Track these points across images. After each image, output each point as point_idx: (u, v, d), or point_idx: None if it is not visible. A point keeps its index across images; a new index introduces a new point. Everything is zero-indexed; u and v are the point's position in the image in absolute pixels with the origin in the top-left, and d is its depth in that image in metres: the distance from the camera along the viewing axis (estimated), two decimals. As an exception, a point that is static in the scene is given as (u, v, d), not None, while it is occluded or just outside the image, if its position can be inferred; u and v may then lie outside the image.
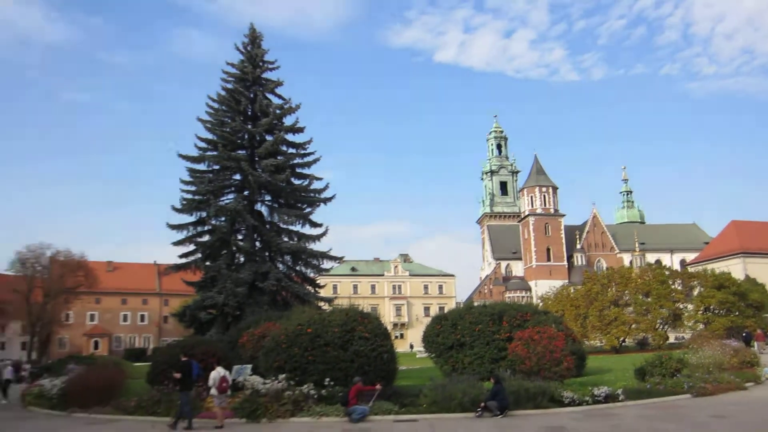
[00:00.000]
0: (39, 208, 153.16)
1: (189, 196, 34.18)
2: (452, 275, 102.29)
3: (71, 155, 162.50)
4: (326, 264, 36.18)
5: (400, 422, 14.08)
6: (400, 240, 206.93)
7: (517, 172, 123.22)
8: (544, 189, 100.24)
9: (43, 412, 19.35)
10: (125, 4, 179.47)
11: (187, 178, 34.72)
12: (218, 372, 14.91)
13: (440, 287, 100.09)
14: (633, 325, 42.15)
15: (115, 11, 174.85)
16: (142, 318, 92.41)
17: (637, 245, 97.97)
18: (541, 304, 49.94)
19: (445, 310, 36.77)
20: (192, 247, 34.46)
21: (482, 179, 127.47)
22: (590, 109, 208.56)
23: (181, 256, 34.61)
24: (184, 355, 16.67)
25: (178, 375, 14.85)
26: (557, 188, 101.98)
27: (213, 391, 14.81)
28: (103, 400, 18.30)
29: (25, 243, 76.58)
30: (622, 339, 43.19)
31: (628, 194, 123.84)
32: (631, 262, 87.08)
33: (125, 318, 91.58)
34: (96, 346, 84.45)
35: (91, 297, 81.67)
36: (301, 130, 36.57)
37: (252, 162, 34.73)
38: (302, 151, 36.49)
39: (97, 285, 77.58)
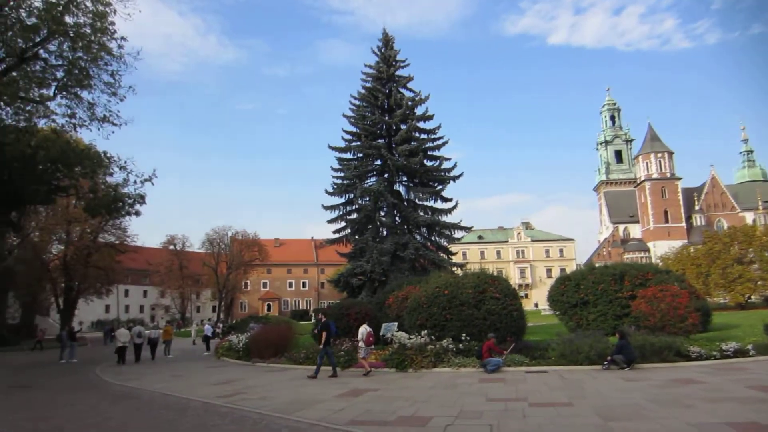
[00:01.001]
0: (223, 197, 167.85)
1: (338, 180, 36.00)
2: (572, 239, 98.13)
3: (246, 155, 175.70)
4: (457, 234, 36.43)
5: (532, 373, 14.04)
6: (521, 209, 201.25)
7: (631, 140, 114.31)
8: (659, 154, 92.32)
9: (232, 362, 21.66)
10: (280, 26, 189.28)
11: (337, 166, 36.56)
12: (365, 328, 15.99)
13: (561, 251, 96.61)
14: (759, 282, 38.26)
15: (273, 33, 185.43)
16: (304, 284, 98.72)
17: (760, 203, 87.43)
18: (660, 263, 46.44)
19: (567, 272, 35.56)
20: (343, 224, 36.23)
21: (597, 150, 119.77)
22: (704, 73, 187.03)
23: (334, 232, 36.61)
24: (323, 316, 17.94)
25: (322, 334, 15.65)
26: (672, 153, 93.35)
27: (360, 344, 15.89)
28: (278, 352, 20.06)
29: (212, 226, 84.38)
30: (747, 296, 39.31)
31: (748, 153, 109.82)
32: (754, 221, 77.85)
33: (290, 285, 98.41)
34: (269, 309, 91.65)
35: (264, 268, 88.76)
36: (430, 117, 36.90)
37: (390, 149, 35.73)
38: (432, 136, 36.80)
39: (268, 258, 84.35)
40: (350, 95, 37.50)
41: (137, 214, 24.50)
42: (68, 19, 20.67)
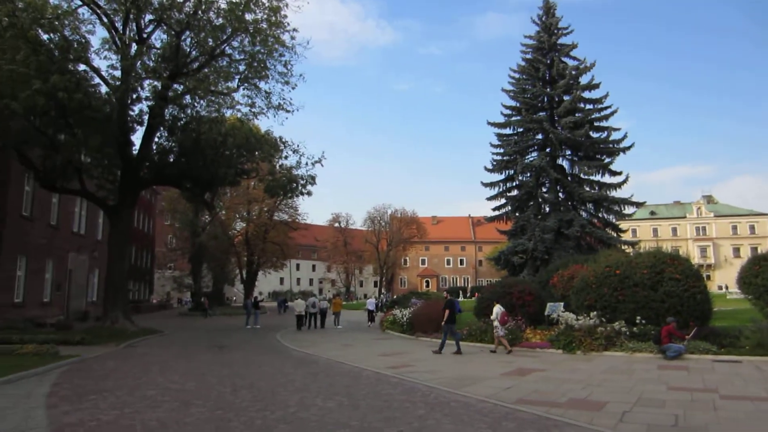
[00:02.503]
0: (383, 175, 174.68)
1: (498, 157, 35.44)
2: (765, 214, 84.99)
3: (403, 134, 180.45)
4: (627, 209, 33.93)
5: (721, 362, 12.68)
6: (700, 181, 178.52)
7: None
8: None
9: (396, 335, 22.69)
10: (435, 4, 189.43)
11: (496, 142, 36.00)
12: (499, 308, 16.12)
13: (751, 227, 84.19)
14: None
15: (427, 12, 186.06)
16: (461, 262, 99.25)
17: None
18: None
19: (759, 251, 31.09)
20: (503, 201, 35.71)
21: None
22: None
23: (493, 209, 36.27)
24: (448, 294, 17.95)
25: (446, 312, 15.99)
26: None
27: (496, 323, 15.91)
28: (440, 328, 20.53)
29: (373, 204, 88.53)
30: None
31: None
32: None
33: (448, 262, 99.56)
34: (427, 285, 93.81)
35: (422, 245, 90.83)
36: (596, 86, 34.54)
37: (552, 122, 34.21)
38: (599, 106, 34.46)
39: (426, 236, 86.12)
40: (509, 68, 36.47)
41: (309, 194, 26.62)
42: (248, 17, 22.82)
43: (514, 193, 35.17)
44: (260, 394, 9.48)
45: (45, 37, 19.85)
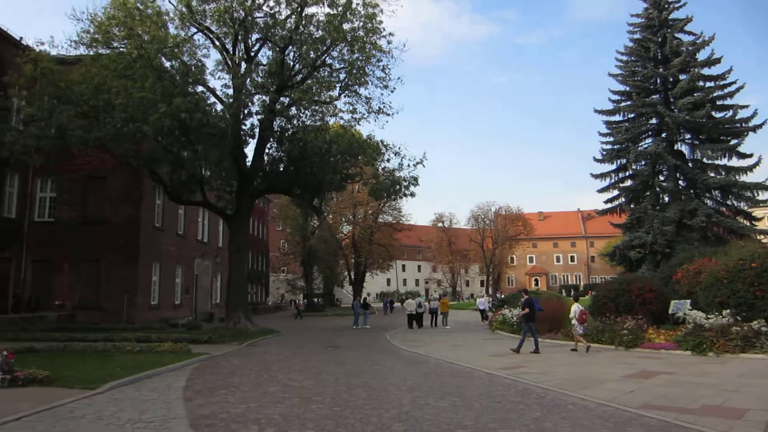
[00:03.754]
0: (484, 172, 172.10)
1: (608, 146, 33.64)
2: None
3: (504, 129, 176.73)
4: (762, 195, 30.65)
5: None
6: None
7: None
8: None
9: (506, 335, 22.18)
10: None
11: (605, 130, 34.16)
12: (577, 306, 15.92)
13: None
14: None
15: (522, 1, 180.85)
16: (572, 258, 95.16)
17: None
18: None
19: None
20: (615, 193, 33.82)
21: None
22: None
23: (605, 202, 34.42)
24: (525, 293, 17.92)
25: (525, 310, 16.01)
26: None
27: (574, 322, 15.78)
28: (553, 328, 19.83)
29: (476, 203, 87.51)
30: None
31: None
32: None
33: (557, 259, 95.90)
34: (536, 283, 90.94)
35: (529, 242, 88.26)
36: (717, 61, 31.56)
37: (667, 104, 31.82)
38: (721, 83, 31.48)
39: (533, 232, 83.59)
40: (616, 51, 34.65)
41: (412, 195, 26.89)
42: (345, 26, 23.58)
43: (628, 183, 33.14)
44: (374, 392, 9.72)
45: (167, 64, 21.78)
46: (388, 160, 26.94)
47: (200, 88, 23.39)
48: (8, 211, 25.12)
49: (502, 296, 49.17)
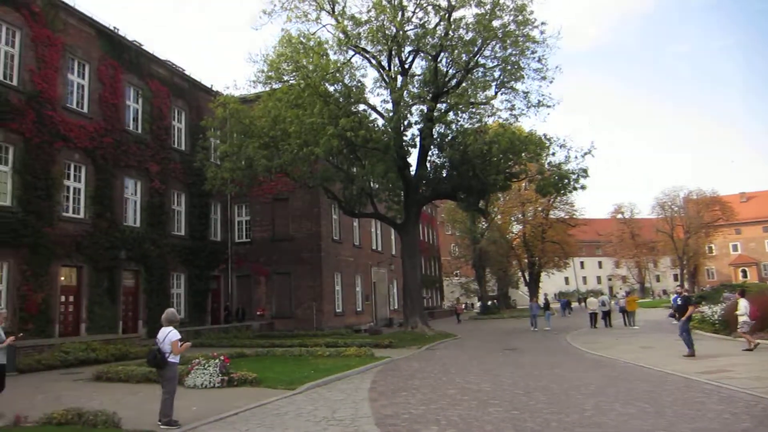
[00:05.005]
0: (662, 155, 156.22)
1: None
2: None
3: (681, 104, 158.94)
4: None
5: None
6: None
7: None
8: None
9: (706, 335, 19.62)
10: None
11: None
12: (745, 302, 14.93)
13: None
14: None
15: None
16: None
17: None
18: None
19: None
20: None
21: None
22: None
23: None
24: (684, 290, 16.59)
25: (689, 308, 15.00)
26: None
27: (745, 319, 14.75)
28: (765, 327, 17.32)
29: (660, 189, 79.71)
30: None
31: None
32: None
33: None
34: (744, 275, 79.74)
35: (730, 228, 77.86)
36: None
37: None
38: None
39: (734, 216, 73.45)
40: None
41: (583, 188, 25.49)
42: (495, 23, 23.37)
43: None
44: (554, 396, 9.51)
45: (331, 88, 23.61)
46: (553, 154, 25.97)
47: (362, 107, 24.95)
48: (215, 235, 29.28)
49: (703, 289, 44.10)
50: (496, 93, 25.20)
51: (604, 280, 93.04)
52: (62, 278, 20.36)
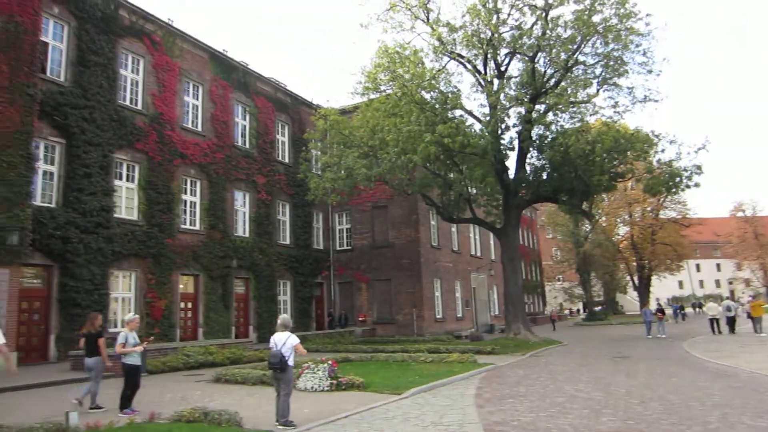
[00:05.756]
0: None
1: None
2: None
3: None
4: None
5: None
6: None
7: None
8: None
9: None
10: None
11: None
12: None
13: None
14: None
15: None
16: None
17: None
18: None
19: None
20: None
21: None
22: None
23: None
24: None
25: None
26: None
27: None
28: None
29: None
30: None
31: None
32: None
33: None
34: None
35: None
36: None
37: None
38: None
39: None
40: None
41: (696, 185, 23.81)
42: (595, 18, 22.48)
43: None
44: (672, 407, 9.03)
45: (427, 96, 23.86)
46: (662, 151, 24.51)
47: (458, 112, 24.94)
48: (317, 244, 30.49)
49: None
50: (597, 90, 24.19)
51: (723, 284, 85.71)
52: (181, 286, 22.17)
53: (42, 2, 16.89)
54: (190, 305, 22.58)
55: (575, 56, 23.64)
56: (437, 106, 23.45)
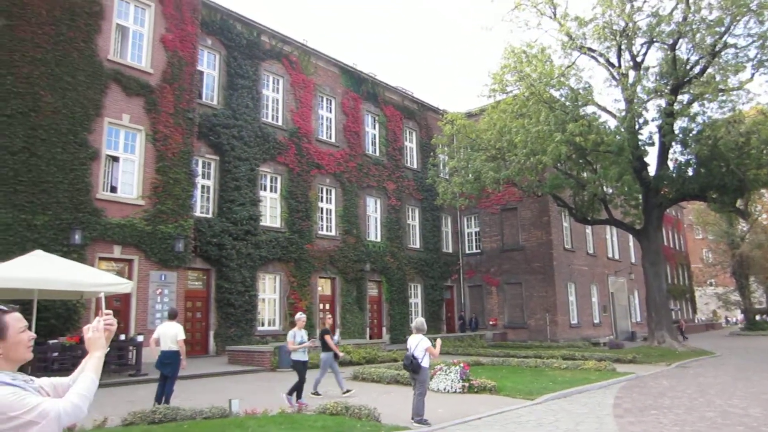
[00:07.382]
0: None
1: None
2: None
3: None
4: None
5: None
6: None
7: None
8: None
9: None
10: None
11: None
12: None
13: None
14: None
15: None
16: None
17: None
18: None
19: None
20: None
21: None
22: None
23: None
24: None
25: None
26: None
27: None
28: None
29: None
30: None
31: None
32: None
33: None
34: None
35: None
36: None
37: None
38: None
39: None
40: None
41: None
42: (748, -4, 20.39)
43: None
44: None
45: (556, 94, 23.16)
46: None
47: (591, 109, 23.88)
48: (446, 247, 30.82)
49: None
50: (752, 75, 21.85)
51: None
52: (320, 288, 23.65)
53: (198, 37, 19.09)
54: (327, 306, 24.01)
55: (723, 39, 21.58)
56: (567, 103, 22.68)
